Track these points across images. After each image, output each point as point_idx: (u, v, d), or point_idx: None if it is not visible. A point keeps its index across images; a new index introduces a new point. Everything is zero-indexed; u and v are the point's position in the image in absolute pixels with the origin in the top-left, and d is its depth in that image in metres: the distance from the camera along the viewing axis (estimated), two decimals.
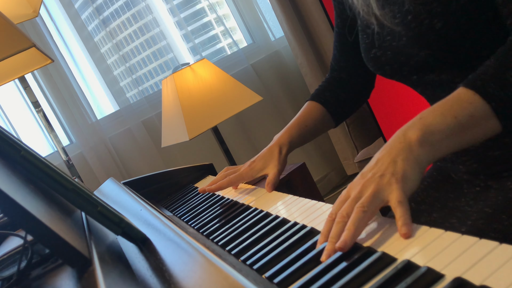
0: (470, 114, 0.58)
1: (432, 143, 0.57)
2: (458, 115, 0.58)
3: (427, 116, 0.59)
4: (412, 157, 0.56)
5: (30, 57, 1.71)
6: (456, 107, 0.58)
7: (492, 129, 0.59)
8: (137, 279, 0.54)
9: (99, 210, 0.60)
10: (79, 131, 2.35)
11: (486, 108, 0.58)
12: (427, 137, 0.57)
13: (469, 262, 0.39)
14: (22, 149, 0.56)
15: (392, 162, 0.56)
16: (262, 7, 2.92)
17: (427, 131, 0.57)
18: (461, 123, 0.57)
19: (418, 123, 0.58)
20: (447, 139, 0.58)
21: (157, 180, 1.25)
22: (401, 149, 0.57)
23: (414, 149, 0.56)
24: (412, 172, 0.55)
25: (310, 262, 0.51)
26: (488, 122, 0.58)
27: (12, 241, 0.77)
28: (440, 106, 0.59)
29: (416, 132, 0.57)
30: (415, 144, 0.57)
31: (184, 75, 1.91)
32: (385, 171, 0.55)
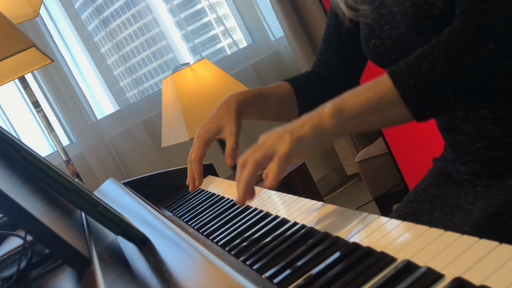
0: (380, 96, 0.61)
1: (341, 118, 0.62)
2: (369, 96, 0.62)
3: (345, 95, 0.64)
4: (319, 125, 0.62)
5: (30, 57, 1.71)
6: (370, 88, 0.62)
7: (402, 115, 0.62)
8: (137, 279, 0.54)
9: (99, 210, 0.60)
10: (79, 131, 2.35)
11: (395, 94, 0.61)
12: (338, 112, 0.62)
13: (469, 262, 0.39)
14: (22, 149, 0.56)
15: (300, 124, 0.62)
16: (262, 7, 2.92)
17: (339, 106, 0.62)
18: (370, 105, 0.61)
19: (337, 99, 0.64)
20: (356, 118, 0.62)
21: (157, 180, 1.25)
22: (313, 117, 0.63)
23: (324, 120, 0.62)
24: (311, 137, 0.61)
25: (310, 262, 0.51)
26: (396, 107, 0.61)
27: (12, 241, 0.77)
28: (360, 87, 0.64)
29: (330, 106, 0.63)
30: (326, 116, 0.62)
31: (184, 75, 1.91)
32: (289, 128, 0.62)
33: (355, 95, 0.63)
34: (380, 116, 0.62)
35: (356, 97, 0.62)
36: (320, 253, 0.51)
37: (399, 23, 0.74)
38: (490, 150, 0.73)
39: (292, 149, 0.60)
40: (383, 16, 0.78)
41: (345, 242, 0.52)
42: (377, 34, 0.80)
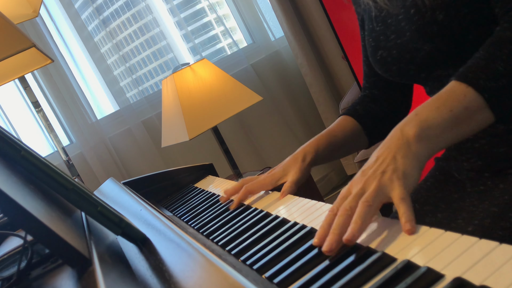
0: (465, 106, 0.59)
1: (429, 138, 0.58)
2: (453, 108, 0.59)
3: (422, 112, 0.60)
4: (411, 153, 0.57)
5: (30, 57, 1.71)
6: (450, 100, 0.59)
7: (486, 120, 0.60)
8: (137, 279, 0.54)
9: (99, 210, 0.60)
10: (79, 131, 2.35)
11: (480, 100, 0.59)
12: (425, 132, 0.58)
13: (469, 262, 0.39)
14: (22, 149, 0.56)
15: (392, 159, 0.56)
16: (262, 7, 2.92)
17: (423, 126, 0.58)
18: (457, 116, 0.58)
19: (414, 119, 0.59)
20: (444, 133, 0.58)
21: (157, 180, 1.25)
22: (400, 146, 0.57)
23: (413, 145, 0.57)
24: (412, 168, 0.56)
25: (310, 262, 0.51)
26: (482, 113, 0.59)
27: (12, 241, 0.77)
28: (434, 101, 0.60)
29: (413, 128, 0.58)
30: (413, 140, 0.57)
31: (184, 75, 1.91)
32: (386, 168, 0.56)
33: (434, 110, 0.59)
34: (467, 126, 0.59)
35: (437, 112, 0.59)
36: (320, 253, 0.51)
37: (405, 30, 0.75)
38: (493, 147, 0.73)
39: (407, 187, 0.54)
40: (389, 25, 0.79)
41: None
42: (383, 45, 0.80)
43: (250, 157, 2.69)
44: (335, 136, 0.91)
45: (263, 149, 2.72)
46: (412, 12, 0.72)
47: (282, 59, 2.89)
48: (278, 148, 2.71)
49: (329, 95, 2.72)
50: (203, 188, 1.10)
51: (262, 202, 0.81)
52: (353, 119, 0.93)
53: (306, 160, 0.86)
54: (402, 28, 0.76)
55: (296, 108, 2.84)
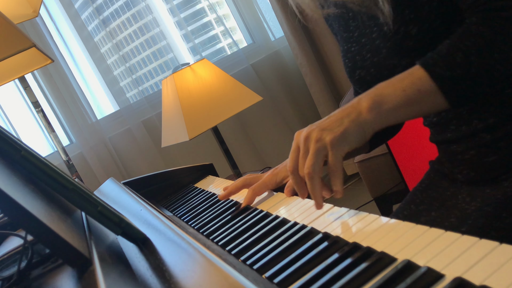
0: (418, 89, 0.63)
1: (380, 112, 0.63)
2: (407, 88, 0.63)
3: (380, 87, 0.65)
4: (358, 120, 0.63)
5: (30, 57, 1.71)
6: (406, 81, 0.64)
7: (439, 104, 0.64)
8: (137, 279, 0.54)
9: (99, 210, 0.60)
10: (79, 131, 2.35)
11: (432, 86, 0.63)
12: (376, 105, 0.64)
13: (469, 262, 0.39)
14: (22, 149, 0.56)
15: (339, 119, 0.64)
16: (262, 7, 2.92)
17: (377, 99, 0.64)
18: (409, 97, 0.63)
19: (372, 92, 0.65)
20: (395, 110, 0.64)
21: (157, 180, 1.25)
22: (351, 112, 0.64)
23: (363, 114, 0.64)
24: (353, 132, 0.63)
25: (310, 262, 0.51)
26: (434, 97, 0.63)
27: (12, 241, 0.77)
28: (395, 79, 0.65)
29: (368, 100, 0.64)
30: (364, 110, 0.64)
31: (184, 75, 1.91)
32: (329, 125, 0.63)
33: (391, 88, 0.64)
34: (418, 107, 0.64)
35: (393, 90, 0.64)
36: (320, 253, 0.51)
37: (380, 48, 0.76)
38: (483, 157, 0.73)
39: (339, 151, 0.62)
40: (363, 45, 0.80)
41: (345, 242, 0.52)
42: (360, 65, 0.81)
43: (250, 157, 2.69)
44: None
45: (263, 149, 2.72)
46: (386, 29, 0.73)
47: (282, 59, 2.89)
48: (278, 148, 2.71)
49: (329, 95, 2.72)
50: (203, 188, 1.10)
51: (265, 202, 0.81)
52: None
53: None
54: (377, 46, 0.77)
55: (296, 108, 2.84)
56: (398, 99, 0.63)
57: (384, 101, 0.64)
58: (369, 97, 0.64)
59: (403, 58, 0.74)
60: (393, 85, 0.64)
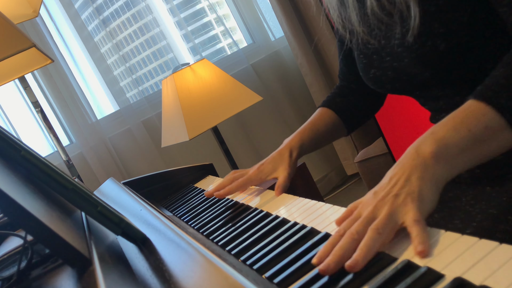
0: (485, 126, 0.55)
1: (447, 159, 0.54)
2: (472, 128, 0.55)
3: (439, 130, 0.56)
4: (427, 174, 0.52)
5: (30, 57, 1.71)
6: (469, 119, 0.56)
7: (507, 140, 0.56)
8: (137, 279, 0.54)
9: (99, 210, 0.60)
10: (79, 131, 2.35)
11: (500, 120, 0.55)
12: (442, 152, 0.54)
13: (469, 262, 0.39)
14: (22, 149, 0.56)
15: (407, 180, 0.52)
16: (262, 7, 2.92)
17: (441, 145, 0.54)
18: (476, 136, 0.55)
19: (431, 137, 0.55)
20: (463, 154, 0.55)
21: (157, 180, 1.25)
22: (416, 166, 0.53)
23: (430, 166, 0.53)
24: (428, 191, 0.52)
25: (310, 262, 0.51)
26: (502, 133, 0.56)
27: (12, 241, 0.77)
28: (452, 120, 0.57)
29: (430, 147, 0.54)
30: (430, 161, 0.53)
31: (184, 75, 1.91)
32: (399, 190, 0.52)
33: (452, 130, 0.55)
34: (487, 147, 0.55)
35: (455, 132, 0.55)
36: None
37: (402, 56, 0.72)
38: None
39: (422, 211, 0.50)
40: (383, 47, 0.76)
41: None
42: (377, 65, 0.79)
43: (250, 157, 2.69)
44: (318, 130, 0.96)
45: (263, 149, 2.72)
46: (411, 41, 0.69)
47: (282, 59, 2.89)
48: None
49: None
50: (203, 188, 1.10)
51: (260, 201, 0.81)
52: (332, 112, 0.98)
53: (293, 155, 0.91)
54: (399, 53, 0.73)
55: (296, 108, 2.84)
56: (465, 140, 0.54)
57: (449, 146, 0.54)
58: (431, 143, 0.55)
59: (426, 70, 0.71)
60: (454, 126, 0.55)
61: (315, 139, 0.95)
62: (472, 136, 0.55)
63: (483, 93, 0.57)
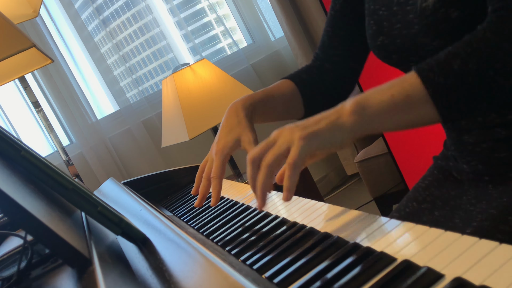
0: (407, 94, 0.58)
1: (362, 115, 0.59)
2: (396, 93, 0.58)
3: (370, 91, 0.60)
4: (336, 122, 0.59)
5: (30, 57, 1.71)
6: (396, 86, 0.59)
7: (429, 115, 0.58)
8: (137, 279, 0.54)
9: (99, 210, 0.60)
10: (79, 131, 2.35)
11: (423, 93, 0.57)
12: (359, 109, 0.59)
13: (469, 262, 0.39)
14: (22, 149, 0.56)
15: (317, 120, 0.60)
16: (262, 7, 2.92)
17: (361, 103, 0.59)
18: (396, 102, 0.58)
19: (359, 96, 0.60)
20: (378, 115, 0.58)
21: (157, 180, 1.25)
22: (332, 113, 0.60)
23: (343, 117, 0.59)
24: (327, 133, 0.58)
25: (310, 262, 0.51)
26: (423, 107, 0.58)
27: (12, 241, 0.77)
28: (387, 84, 0.60)
29: (352, 103, 0.59)
30: (346, 113, 0.59)
31: (184, 75, 1.91)
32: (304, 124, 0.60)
33: (380, 92, 0.59)
34: (405, 115, 0.58)
35: (380, 94, 0.59)
36: (320, 253, 0.51)
37: (413, 23, 0.71)
38: (495, 151, 0.72)
39: (304, 148, 0.58)
40: (394, 14, 0.75)
41: (345, 242, 0.52)
42: (386, 32, 0.77)
43: None
44: (272, 97, 0.87)
45: None
46: (424, 6, 0.68)
47: (282, 59, 2.89)
48: None
49: None
50: None
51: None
52: (294, 86, 0.91)
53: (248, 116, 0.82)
54: (410, 20, 0.72)
55: None
56: (384, 104, 0.58)
57: (368, 105, 0.59)
58: (354, 100, 0.60)
59: (435, 38, 0.69)
60: (382, 90, 0.59)
61: (267, 102, 0.85)
62: (392, 101, 0.58)
63: (421, 65, 0.59)
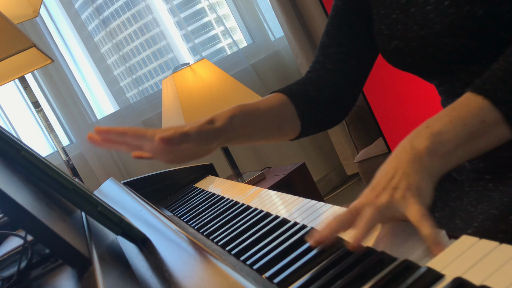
0: (481, 120, 0.54)
1: (442, 153, 0.53)
2: (468, 122, 0.54)
3: (434, 124, 0.55)
4: (423, 169, 0.52)
5: (30, 57, 1.71)
6: (465, 113, 0.55)
7: (502, 135, 0.56)
8: (137, 279, 0.54)
9: (99, 210, 0.60)
10: (79, 131, 2.35)
11: (497, 114, 0.54)
12: (437, 147, 0.53)
13: (469, 262, 0.39)
14: (22, 149, 0.56)
15: (403, 174, 0.51)
16: (262, 7, 2.92)
17: (435, 140, 0.53)
18: (472, 131, 0.54)
19: (425, 131, 0.54)
20: (458, 148, 0.54)
21: (157, 180, 1.25)
22: (411, 161, 0.52)
23: (425, 160, 0.52)
24: (425, 184, 0.51)
25: (310, 262, 0.51)
26: (498, 128, 0.55)
27: (12, 241, 0.77)
28: (447, 113, 0.56)
29: (424, 141, 0.53)
30: (424, 155, 0.52)
31: (184, 75, 1.91)
32: (397, 183, 0.50)
33: (447, 124, 0.54)
34: (484, 142, 0.55)
35: (451, 126, 0.54)
36: (320, 253, 0.51)
37: (434, 23, 0.69)
38: (498, 151, 0.70)
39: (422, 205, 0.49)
40: (411, 15, 0.73)
41: (345, 242, 0.52)
42: (401, 35, 0.74)
43: (250, 157, 2.69)
44: (257, 108, 0.77)
45: (263, 149, 2.72)
46: (447, 4, 0.66)
47: (282, 59, 2.89)
48: (278, 148, 2.71)
49: None
50: (203, 188, 1.10)
51: (260, 201, 0.81)
52: (284, 96, 0.81)
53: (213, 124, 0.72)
54: (431, 20, 0.69)
55: None
56: (460, 135, 0.53)
57: (444, 140, 0.53)
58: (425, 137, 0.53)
59: (457, 38, 0.66)
60: (450, 120, 0.54)
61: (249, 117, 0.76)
62: (468, 130, 0.54)
63: (481, 86, 0.56)
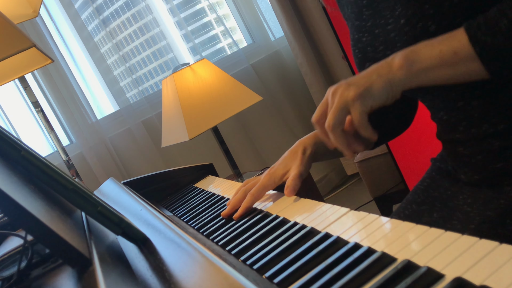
0: (455, 51, 0.60)
1: (411, 70, 0.62)
2: (443, 50, 0.61)
3: (419, 45, 0.63)
4: (386, 76, 0.62)
5: (30, 57, 1.71)
6: (445, 42, 0.61)
7: (476, 71, 0.61)
8: (137, 279, 0.54)
9: (99, 210, 0.60)
10: (79, 131, 2.35)
11: (470, 50, 0.60)
12: (409, 63, 0.62)
13: (469, 262, 0.39)
14: (22, 149, 0.56)
15: (369, 75, 0.63)
16: (262, 7, 2.92)
17: (411, 57, 0.62)
18: (444, 59, 0.61)
19: (408, 49, 0.63)
20: (427, 70, 0.62)
21: (157, 180, 1.25)
22: (382, 67, 0.63)
23: (393, 71, 0.62)
24: (379, 88, 0.62)
25: (310, 262, 0.51)
26: (470, 63, 0.60)
27: (12, 241, 0.77)
28: (436, 40, 0.62)
29: (401, 57, 0.62)
30: (395, 67, 0.62)
31: (184, 75, 1.91)
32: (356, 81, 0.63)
33: (428, 47, 0.62)
34: (452, 71, 0.61)
35: (429, 50, 0.62)
36: (320, 253, 0.51)
37: (395, 41, 0.73)
38: (490, 163, 0.72)
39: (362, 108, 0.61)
40: (377, 36, 0.76)
41: (345, 242, 0.52)
42: (372, 57, 0.78)
43: (250, 157, 2.69)
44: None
45: (263, 149, 2.72)
46: (402, 23, 0.70)
47: (282, 59, 2.89)
48: (278, 148, 2.71)
49: None
50: (203, 188, 1.10)
51: (260, 201, 0.81)
52: None
53: (307, 153, 0.83)
54: (392, 39, 0.73)
55: (296, 108, 2.84)
56: (432, 59, 0.61)
57: (417, 60, 0.62)
58: (403, 55, 0.62)
59: None
60: (431, 45, 0.62)
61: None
62: (440, 57, 0.61)
63: (470, 23, 0.61)
